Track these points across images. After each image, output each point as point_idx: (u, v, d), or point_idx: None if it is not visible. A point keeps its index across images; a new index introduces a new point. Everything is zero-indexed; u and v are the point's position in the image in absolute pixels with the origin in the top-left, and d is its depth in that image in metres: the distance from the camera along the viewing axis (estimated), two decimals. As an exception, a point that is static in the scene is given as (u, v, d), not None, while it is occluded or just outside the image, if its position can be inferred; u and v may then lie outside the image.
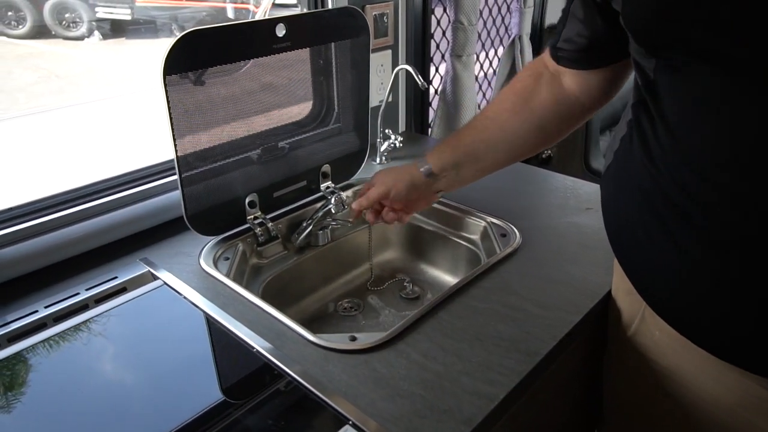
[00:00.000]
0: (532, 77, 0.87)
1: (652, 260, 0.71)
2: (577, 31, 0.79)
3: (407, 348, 0.76)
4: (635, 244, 0.73)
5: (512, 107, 0.87)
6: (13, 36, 4.82)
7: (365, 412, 0.66)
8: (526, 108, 0.86)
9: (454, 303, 0.85)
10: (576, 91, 0.84)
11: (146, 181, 1.05)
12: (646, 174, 0.69)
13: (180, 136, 0.88)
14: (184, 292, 0.88)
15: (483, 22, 1.75)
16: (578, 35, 0.79)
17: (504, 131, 0.88)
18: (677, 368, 0.75)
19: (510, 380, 0.70)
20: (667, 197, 0.66)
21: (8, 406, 0.69)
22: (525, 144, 0.89)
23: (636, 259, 0.75)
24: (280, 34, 0.96)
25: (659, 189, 0.67)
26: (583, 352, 0.93)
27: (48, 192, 0.96)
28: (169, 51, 0.82)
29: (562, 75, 0.85)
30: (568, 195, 1.17)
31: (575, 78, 0.83)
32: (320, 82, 1.14)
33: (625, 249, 0.77)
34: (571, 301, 0.85)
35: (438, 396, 0.68)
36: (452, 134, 0.95)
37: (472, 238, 1.11)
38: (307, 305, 1.09)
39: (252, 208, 1.04)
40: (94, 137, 3.57)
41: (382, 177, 0.97)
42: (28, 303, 0.85)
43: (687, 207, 0.64)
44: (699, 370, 0.73)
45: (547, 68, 0.86)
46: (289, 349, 0.76)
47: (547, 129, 0.87)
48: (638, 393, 0.83)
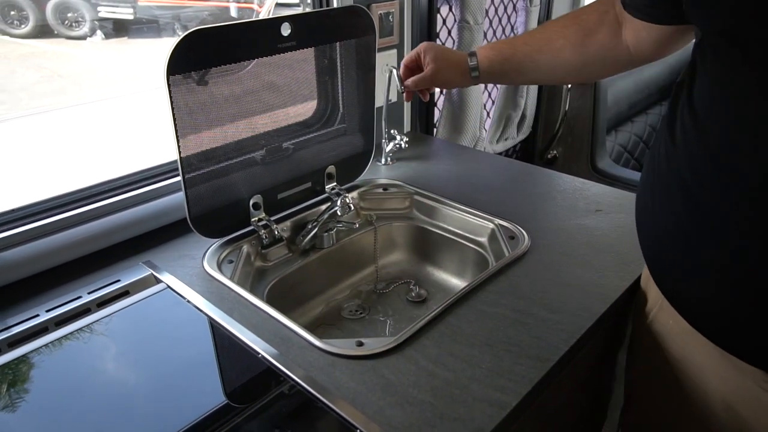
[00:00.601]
0: (597, 12, 0.88)
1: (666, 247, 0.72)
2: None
3: (415, 354, 0.74)
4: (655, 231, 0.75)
5: (572, 37, 0.90)
6: (15, 35, 4.81)
7: (373, 420, 0.64)
8: (584, 43, 0.89)
9: (463, 307, 0.83)
10: (631, 41, 0.86)
11: (149, 183, 1.03)
12: (667, 154, 0.70)
13: (183, 137, 0.87)
14: (187, 296, 0.86)
15: (489, 21, 1.73)
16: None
17: (556, 58, 0.91)
18: (686, 360, 0.77)
19: (521, 387, 0.69)
20: (678, 178, 0.67)
21: (10, 410, 0.68)
22: (566, 75, 0.96)
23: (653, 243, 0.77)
24: (285, 34, 0.94)
25: (674, 168, 0.68)
26: (595, 355, 0.92)
27: (50, 194, 0.95)
28: (173, 50, 0.81)
29: (624, 21, 0.86)
30: (577, 196, 1.16)
31: (634, 27, 0.84)
32: (325, 82, 1.13)
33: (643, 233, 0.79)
34: (582, 305, 0.83)
35: (448, 404, 0.67)
36: (506, 40, 1.00)
37: (479, 241, 1.10)
38: (312, 308, 1.07)
39: (256, 210, 1.02)
40: (97, 138, 3.56)
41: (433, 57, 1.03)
42: (30, 307, 0.84)
43: (693, 186, 0.65)
44: (700, 363, 0.74)
45: (614, 8, 0.87)
46: (295, 355, 0.74)
47: (591, 68, 0.92)
48: (652, 383, 0.85)
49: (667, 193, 0.70)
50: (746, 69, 0.59)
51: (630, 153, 2.34)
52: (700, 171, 0.65)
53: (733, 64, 0.60)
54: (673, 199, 0.69)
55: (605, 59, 0.89)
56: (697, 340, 0.72)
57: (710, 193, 0.64)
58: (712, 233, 0.65)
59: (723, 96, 0.62)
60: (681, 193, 0.68)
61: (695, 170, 0.65)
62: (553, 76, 0.98)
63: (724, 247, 0.64)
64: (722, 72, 0.62)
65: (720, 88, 0.62)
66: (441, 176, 1.27)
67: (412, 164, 1.32)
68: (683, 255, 0.69)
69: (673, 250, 0.71)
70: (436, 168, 1.31)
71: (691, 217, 0.67)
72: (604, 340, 0.91)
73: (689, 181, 0.66)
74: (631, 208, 1.09)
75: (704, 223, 0.65)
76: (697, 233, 0.66)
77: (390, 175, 1.26)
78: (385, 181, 1.23)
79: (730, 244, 0.63)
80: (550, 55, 0.92)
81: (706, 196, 0.64)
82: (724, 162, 0.62)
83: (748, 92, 0.59)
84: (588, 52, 0.89)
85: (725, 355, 0.70)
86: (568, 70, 0.93)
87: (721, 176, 0.62)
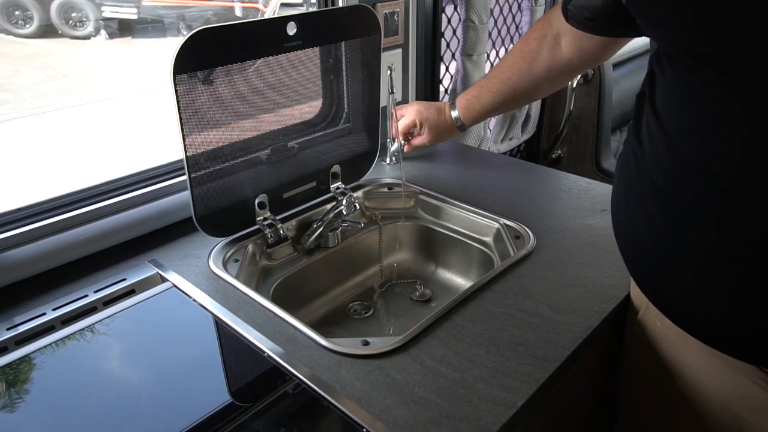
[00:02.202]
0: (537, 40, 1.03)
1: (644, 249, 0.75)
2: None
3: (421, 353, 0.74)
4: (629, 231, 0.78)
5: (519, 71, 1.06)
6: (20, 35, 4.82)
7: (379, 419, 0.64)
8: (531, 71, 1.04)
9: (468, 307, 0.83)
10: (573, 52, 0.99)
11: (154, 182, 1.03)
12: (635, 161, 0.73)
13: (189, 136, 0.87)
14: (193, 295, 0.86)
15: (494, 21, 1.73)
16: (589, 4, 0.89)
17: (515, 92, 1.08)
18: (677, 362, 0.77)
19: (527, 387, 0.69)
20: (649, 184, 0.70)
21: (16, 408, 0.68)
22: (528, 99, 1.18)
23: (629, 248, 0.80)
24: (290, 33, 0.94)
25: (644, 173, 0.71)
26: (601, 355, 0.92)
27: (55, 193, 0.95)
28: (179, 49, 0.81)
29: (563, 36, 0.99)
30: (582, 196, 1.15)
31: (577, 38, 0.96)
32: (330, 82, 1.13)
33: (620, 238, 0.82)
34: (588, 305, 0.83)
35: (453, 403, 0.67)
36: (474, 91, 1.14)
37: (484, 240, 1.10)
38: (317, 307, 1.07)
39: (261, 209, 1.02)
40: (102, 137, 3.57)
41: (429, 127, 1.19)
42: (36, 305, 0.84)
43: (663, 187, 0.68)
44: (698, 365, 0.75)
45: (551, 29, 1.00)
46: (301, 354, 0.74)
47: (542, 86, 1.07)
48: (646, 386, 0.85)
49: (640, 197, 0.73)
50: (703, 72, 0.61)
51: (634, 153, 2.33)
52: (670, 172, 0.67)
53: (691, 69, 0.62)
54: (646, 202, 0.71)
55: (554, 76, 1.04)
56: (686, 339, 0.73)
57: (680, 192, 0.66)
58: (686, 231, 0.66)
59: (683, 98, 0.65)
60: (653, 195, 0.70)
61: (665, 172, 0.68)
62: (522, 104, 1.27)
63: (700, 242, 0.66)
64: (681, 77, 0.64)
65: (680, 89, 0.65)
66: (446, 176, 1.27)
67: (416, 164, 1.32)
68: (662, 255, 0.71)
69: (652, 251, 0.73)
70: (441, 168, 1.31)
71: (665, 217, 0.69)
72: (610, 339, 0.91)
73: (660, 183, 0.69)
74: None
75: (678, 221, 0.67)
76: (673, 232, 0.68)
77: (395, 175, 1.26)
78: (389, 180, 1.23)
79: (705, 239, 0.65)
80: (511, 93, 1.08)
81: (677, 196, 0.67)
82: (691, 161, 0.64)
83: (707, 92, 0.62)
84: (537, 76, 1.04)
85: (715, 353, 0.71)
86: (529, 95, 1.11)
87: (690, 175, 0.65)
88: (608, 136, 2.07)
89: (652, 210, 0.70)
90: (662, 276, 0.73)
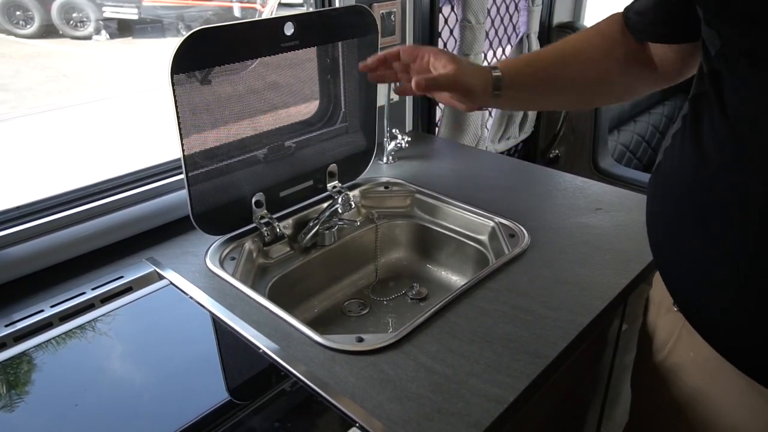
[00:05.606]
0: (618, 24, 0.79)
1: (695, 272, 0.65)
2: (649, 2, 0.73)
3: (414, 349, 0.75)
4: (678, 254, 0.68)
5: (600, 47, 0.79)
6: (21, 35, 4.83)
7: (372, 414, 0.65)
8: (611, 52, 0.79)
9: (462, 304, 0.84)
10: (654, 57, 0.78)
11: (152, 180, 1.04)
12: (697, 173, 0.63)
13: (187, 135, 0.88)
14: (190, 292, 0.87)
15: (491, 21, 1.74)
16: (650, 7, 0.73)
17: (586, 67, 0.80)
18: (704, 393, 0.72)
19: (519, 383, 0.70)
20: (718, 199, 0.60)
21: (14, 405, 0.69)
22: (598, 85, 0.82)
23: (677, 270, 0.70)
24: (288, 33, 0.95)
25: (710, 190, 0.61)
26: (592, 352, 0.92)
27: (54, 191, 0.96)
28: (177, 49, 0.82)
29: None
30: (578, 195, 1.16)
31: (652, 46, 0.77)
32: (327, 81, 1.14)
33: (667, 260, 0.71)
34: (580, 303, 0.84)
35: (446, 398, 0.67)
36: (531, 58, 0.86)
37: (479, 239, 1.10)
38: (314, 305, 1.08)
39: (258, 208, 1.03)
40: (101, 136, 3.57)
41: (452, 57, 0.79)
42: (34, 302, 0.85)
43: (739, 211, 0.58)
44: (727, 396, 0.69)
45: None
46: (296, 350, 0.75)
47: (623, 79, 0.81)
48: (665, 414, 0.80)
49: (705, 222, 0.62)
50: None
51: (632, 152, 2.34)
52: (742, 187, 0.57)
53: None
54: (714, 228, 0.61)
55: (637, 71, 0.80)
56: (724, 370, 0.66)
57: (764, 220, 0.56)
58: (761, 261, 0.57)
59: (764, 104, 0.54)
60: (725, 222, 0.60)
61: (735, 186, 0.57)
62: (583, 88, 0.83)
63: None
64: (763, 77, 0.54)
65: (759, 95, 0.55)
66: (442, 175, 1.27)
67: (413, 163, 1.32)
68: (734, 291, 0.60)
69: (721, 285, 0.62)
70: (438, 167, 1.32)
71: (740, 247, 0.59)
72: (603, 337, 0.92)
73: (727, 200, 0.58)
74: (631, 206, 1.10)
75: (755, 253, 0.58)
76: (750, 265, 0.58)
77: (391, 174, 1.26)
78: (386, 179, 1.24)
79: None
80: (580, 64, 0.80)
81: (758, 225, 0.57)
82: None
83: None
84: (617, 60, 0.79)
85: (754, 387, 0.64)
86: (600, 77, 0.81)
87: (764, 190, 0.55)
88: (605, 136, 2.08)
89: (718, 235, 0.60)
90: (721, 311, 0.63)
